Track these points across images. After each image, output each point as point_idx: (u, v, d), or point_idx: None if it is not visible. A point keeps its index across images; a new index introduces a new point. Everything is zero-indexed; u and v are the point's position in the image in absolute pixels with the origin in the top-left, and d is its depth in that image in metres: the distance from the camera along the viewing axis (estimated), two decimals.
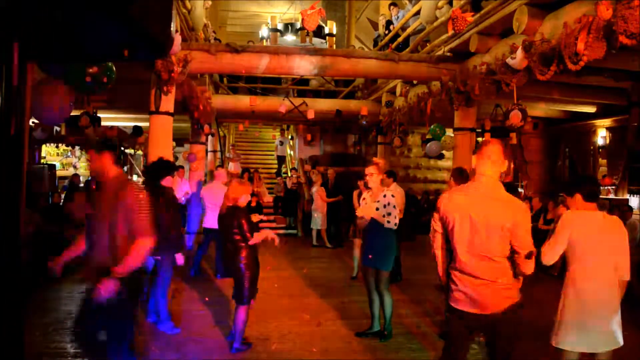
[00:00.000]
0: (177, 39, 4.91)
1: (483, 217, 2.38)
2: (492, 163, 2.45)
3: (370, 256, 4.31)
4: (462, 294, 2.47)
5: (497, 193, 2.43)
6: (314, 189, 9.30)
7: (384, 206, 4.22)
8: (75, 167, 15.10)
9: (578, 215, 2.80)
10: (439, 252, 2.69)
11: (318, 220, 9.19)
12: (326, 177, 10.11)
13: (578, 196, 2.80)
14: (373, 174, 4.29)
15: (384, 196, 4.25)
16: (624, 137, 8.65)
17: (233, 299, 4.05)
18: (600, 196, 8.87)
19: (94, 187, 2.89)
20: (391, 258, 4.36)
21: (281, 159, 14.25)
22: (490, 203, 2.40)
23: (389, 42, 8.69)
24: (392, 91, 9.22)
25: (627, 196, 8.82)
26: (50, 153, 14.33)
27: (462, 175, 4.22)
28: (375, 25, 13.18)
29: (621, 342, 2.80)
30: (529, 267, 2.40)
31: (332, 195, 9.30)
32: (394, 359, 4.09)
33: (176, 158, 12.69)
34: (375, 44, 10.21)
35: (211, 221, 6.56)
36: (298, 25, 10.57)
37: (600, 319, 2.75)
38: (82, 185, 10.80)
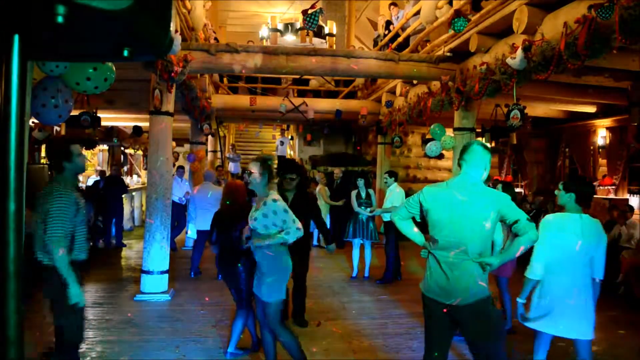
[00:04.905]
0: (177, 39, 4.91)
1: (460, 208, 2.51)
2: (467, 164, 2.61)
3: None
4: (434, 282, 2.58)
5: (475, 186, 2.56)
6: (317, 189, 9.29)
7: (264, 215, 3.20)
8: None
9: (558, 217, 2.98)
10: None
11: None
12: (331, 176, 10.09)
13: (572, 195, 2.95)
14: (254, 172, 3.27)
15: (264, 204, 3.22)
16: (624, 137, 8.65)
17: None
18: (600, 196, 8.88)
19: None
20: (280, 285, 3.31)
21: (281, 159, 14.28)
22: (468, 196, 2.52)
23: (389, 42, 8.69)
24: (392, 91, 9.22)
25: (627, 196, 8.82)
26: None
27: None
28: (375, 25, 13.19)
29: (591, 335, 2.95)
30: (532, 230, 2.41)
31: (337, 194, 9.27)
32: (394, 359, 4.10)
33: (176, 158, 12.71)
34: (375, 44, 10.21)
35: (204, 223, 6.57)
36: (298, 25, 10.56)
37: (568, 309, 2.89)
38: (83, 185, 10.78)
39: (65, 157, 2.88)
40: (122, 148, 14.82)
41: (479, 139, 8.54)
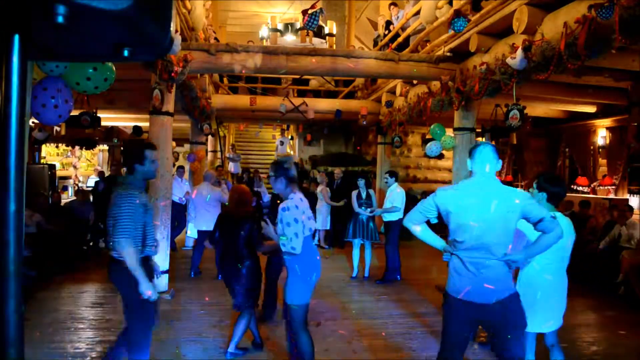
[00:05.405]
0: (177, 39, 4.91)
1: (482, 209, 2.50)
2: (481, 164, 2.61)
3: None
4: (462, 284, 2.56)
5: (496, 186, 2.57)
6: (318, 189, 9.27)
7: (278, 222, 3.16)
8: (75, 167, 15.10)
9: None
10: None
11: (319, 220, 9.17)
12: (331, 176, 10.09)
13: (544, 194, 3.04)
14: (271, 176, 3.28)
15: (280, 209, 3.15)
16: (624, 137, 8.65)
17: (234, 308, 3.96)
18: (600, 196, 8.86)
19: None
20: (301, 288, 3.22)
21: None
22: (489, 196, 2.52)
23: (389, 42, 8.69)
24: (392, 91, 9.22)
25: (627, 196, 8.82)
26: (50, 153, 14.34)
27: None
28: (375, 25, 13.18)
29: (562, 322, 3.08)
30: (558, 226, 2.43)
31: (338, 194, 9.26)
32: (394, 359, 4.10)
33: (176, 158, 12.71)
34: (375, 44, 10.21)
35: (203, 223, 6.57)
36: (298, 25, 10.57)
37: (549, 305, 2.98)
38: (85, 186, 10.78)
39: (138, 159, 2.93)
40: (122, 148, 14.81)
41: (479, 139, 8.55)
